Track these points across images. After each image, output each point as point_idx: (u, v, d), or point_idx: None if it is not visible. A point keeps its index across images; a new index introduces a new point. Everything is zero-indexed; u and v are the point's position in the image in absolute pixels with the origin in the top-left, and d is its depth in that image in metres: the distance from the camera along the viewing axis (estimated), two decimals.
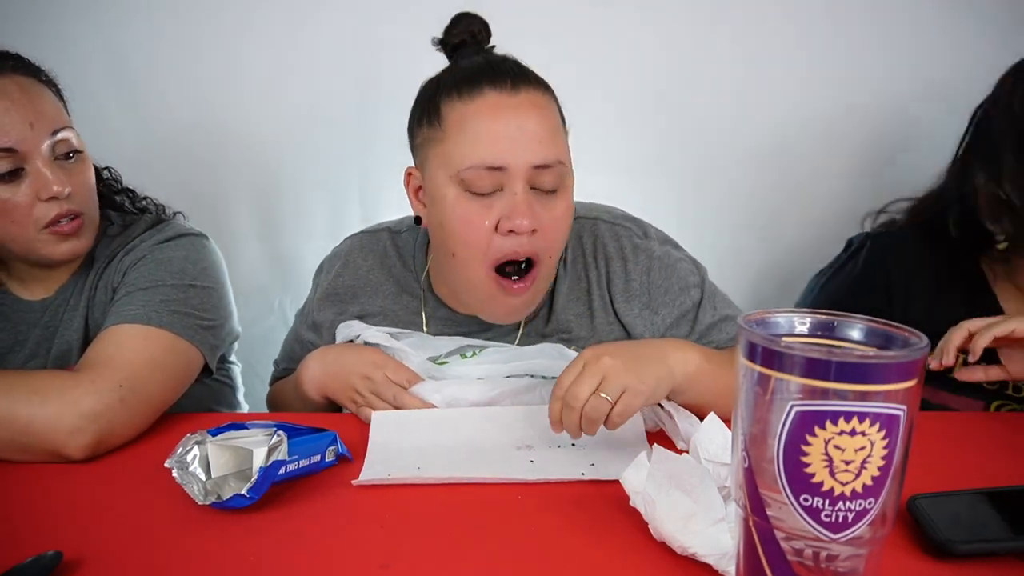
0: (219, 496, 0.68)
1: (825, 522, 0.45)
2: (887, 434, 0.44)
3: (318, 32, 1.46)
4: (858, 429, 0.44)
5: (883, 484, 0.45)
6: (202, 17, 1.44)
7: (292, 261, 1.56)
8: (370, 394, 0.94)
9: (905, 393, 0.44)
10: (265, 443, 0.70)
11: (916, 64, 1.42)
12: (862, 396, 0.43)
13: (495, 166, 0.86)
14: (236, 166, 1.50)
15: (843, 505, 0.45)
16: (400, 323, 1.04)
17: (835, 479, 0.44)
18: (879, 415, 0.44)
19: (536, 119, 0.87)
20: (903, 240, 1.16)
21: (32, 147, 0.92)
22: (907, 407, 0.44)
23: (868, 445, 0.44)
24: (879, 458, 0.44)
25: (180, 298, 0.98)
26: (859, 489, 0.45)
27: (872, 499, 0.45)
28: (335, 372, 0.98)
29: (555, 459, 0.80)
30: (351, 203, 1.55)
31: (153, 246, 1.04)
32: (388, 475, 0.76)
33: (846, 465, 0.44)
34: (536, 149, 0.86)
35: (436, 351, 0.99)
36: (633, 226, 1.03)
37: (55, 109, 0.97)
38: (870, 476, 0.44)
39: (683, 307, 1.00)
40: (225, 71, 1.47)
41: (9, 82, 0.93)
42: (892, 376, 0.44)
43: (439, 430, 0.87)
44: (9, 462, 0.82)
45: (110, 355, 0.89)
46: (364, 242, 1.10)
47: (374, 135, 1.51)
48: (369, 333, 1.02)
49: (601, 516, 0.68)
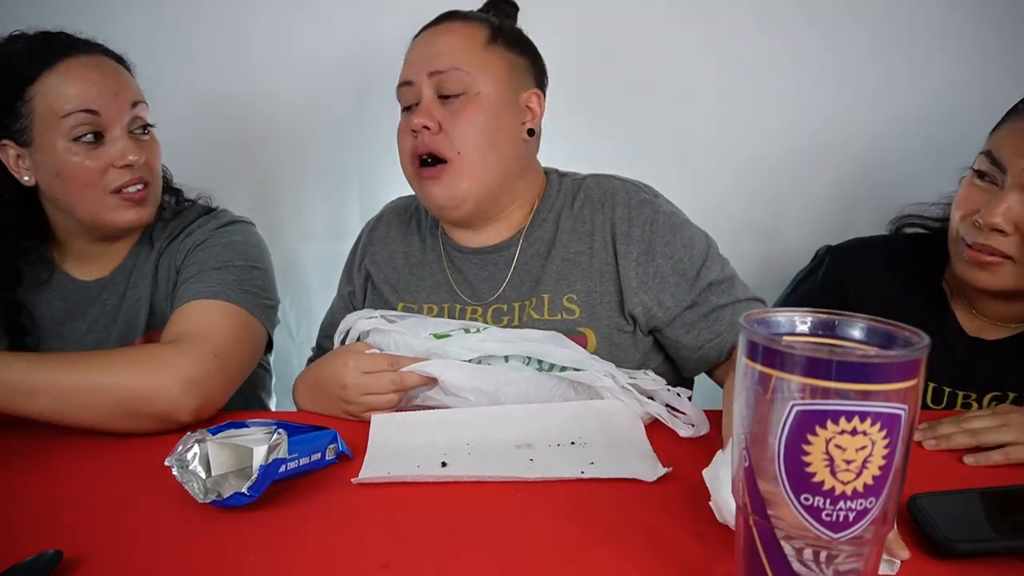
0: (219, 494, 0.68)
1: (826, 521, 0.45)
2: (888, 433, 0.44)
3: (317, 31, 1.46)
4: (859, 428, 0.44)
5: (884, 483, 0.45)
6: (200, 16, 1.44)
7: (292, 261, 1.56)
8: (362, 398, 0.93)
9: (906, 392, 0.44)
10: (265, 441, 0.70)
11: (912, 72, 1.42)
12: (863, 395, 0.43)
13: (405, 81, 1.04)
14: (235, 166, 1.50)
15: (844, 504, 0.45)
16: (425, 264, 1.13)
17: (836, 478, 0.45)
18: (880, 414, 0.44)
19: (441, 39, 1.04)
20: (862, 254, 1.16)
21: (114, 115, 1.01)
22: (908, 406, 0.44)
23: (869, 444, 0.44)
24: (880, 457, 0.44)
25: (247, 278, 1.06)
26: (860, 488, 0.45)
27: (873, 498, 0.45)
28: (318, 395, 0.98)
29: (555, 458, 0.80)
30: (351, 203, 1.55)
31: (213, 230, 1.11)
32: (388, 473, 0.76)
33: (847, 464, 0.44)
34: (431, 60, 1.02)
35: (437, 328, 0.99)
36: (645, 187, 1.09)
37: (135, 86, 1.06)
38: (871, 475, 0.45)
39: (681, 264, 1.01)
40: (224, 70, 1.47)
41: (100, 58, 1.03)
42: (893, 375, 0.44)
43: (439, 430, 0.87)
44: (113, 433, 0.87)
45: (201, 328, 0.96)
46: (398, 203, 1.23)
47: (374, 135, 1.51)
48: (362, 323, 1.01)
49: (601, 515, 0.68)
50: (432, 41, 1.05)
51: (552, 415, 0.88)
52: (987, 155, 0.99)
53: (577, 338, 0.99)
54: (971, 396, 1.04)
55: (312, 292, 1.58)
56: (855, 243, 1.19)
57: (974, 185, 1.00)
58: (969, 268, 1.00)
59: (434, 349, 0.95)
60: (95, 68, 1.01)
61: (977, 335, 1.06)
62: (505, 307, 1.05)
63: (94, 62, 1.02)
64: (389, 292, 1.13)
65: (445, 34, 1.05)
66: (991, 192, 0.98)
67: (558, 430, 0.86)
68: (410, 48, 1.07)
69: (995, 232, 0.96)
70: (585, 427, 0.86)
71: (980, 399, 1.04)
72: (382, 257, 1.15)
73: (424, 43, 1.05)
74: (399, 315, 1.04)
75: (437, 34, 1.05)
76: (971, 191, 1.00)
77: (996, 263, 0.97)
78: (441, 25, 1.06)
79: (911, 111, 1.44)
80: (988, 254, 0.97)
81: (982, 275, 0.99)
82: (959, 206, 1.02)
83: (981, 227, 0.96)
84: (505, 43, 1.05)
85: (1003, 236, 0.95)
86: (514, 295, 1.06)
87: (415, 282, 1.12)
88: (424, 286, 1.11)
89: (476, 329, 0.98)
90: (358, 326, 1.01)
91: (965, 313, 1.07)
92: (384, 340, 0.98)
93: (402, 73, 1.05)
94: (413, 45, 1.07)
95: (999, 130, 1.01)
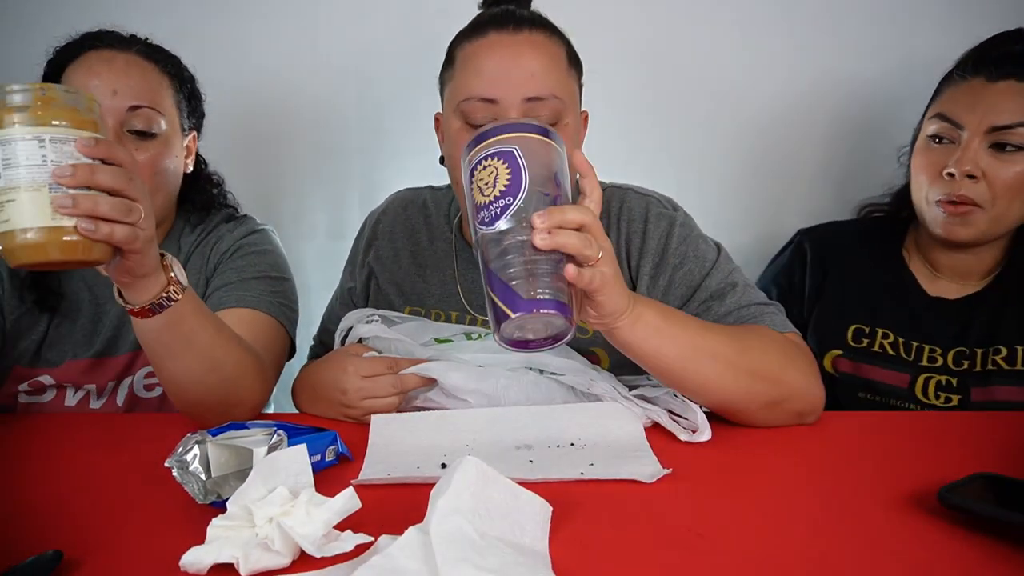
0: (219, 495, 0.68)
1: (485, 221, 0.69)
2: (506, 161, 0.69)
3: (318, 32, 1.46)
4: (487, 164, 0.70)
5: (514, 191, 0.68)
6: (200, 16, 1.44)
7: (292, 261, 1.55)
8: (363, 402, 0.93)
9: (513, 140, 0.70)
10: (265, 442, 0.70)
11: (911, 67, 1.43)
12: (489, 146, 0.70)
13: (487, 98, 0.91)
14: (236, 166, 1.50)
15: (491, 206, 0.68)
16: (433, 266, 1.10)
17: (483, 195, 0.69)
18: (497, 153, 0.70)
19: (531, 55, 0.92)
20: (834, 234, 1.29)
21: (107, 112, 0.99)
22: (519, 147, 0.69)
23: (494, 170, 0.69)
24: (504, 176, 0.68)
25: (280, 290, 1.11)
26: (497, 195, 0.68)
27: (511, 198, 0.68)
28: (317, 400, 0.98)
29: (554, 459, 0.80)
30: (351, 203, 1.55)
31: (243, 237, 1.15)
32: (388, 475, 0.76)
33: (484, 184, 0.69)
34: (528, 82, 0.90)
35: (439, 333, 0.99)
36: (663, 199, 1.06)
37: (148, 89, 1.04)
38: (501, 187, 0.68)
39: (690, 276, 0.98)
40: (224, 70, 1.46)
41: (118, 55, 1.03)
42: (505, 131, 0.71)
43: (439, 431, 0.87)
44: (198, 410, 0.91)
45: (253, 337, 0.99)
46: (405, 195, 1.19)
47: (375, 135, 1.51)
48: (362, 328, 1.01)
49: (601, 516, 0.68)
50: (521, 55, 0.91)
51: (552, 417, 0.88)
52: (939, 117, 1.11)
53: (589, 357, 0.99)
54: (936, 350, 1.15)
55: (312, 292, 1.58)
56: (828, 226, 1.32)
57: (931, 149, 1.12)
58: (946, 224, 1.11)
59: (435, 355, 0.95)
60: (105, 63, 1.01)
61: (940, 295, 1.18)
62: None
63: (109, 57, 1.02)
64: (395, 294, 1.11)
65: (535, 49, 0.92)
66: (950, 149, 1.09)
67: (558, 431, 0.86)
68: (476, 54, 0.93)
69: (967, 179, 1.07)
70: (585, 429, 0.86)
71: (945, 354, 1.15)
72: (387, 254, 1.13)
73: (509, 57, 0.91)
74: (399, 317, 1.04)
75: (524, 46, 0.92)
76: (930, 155, 1.12)
77: (968, 212, 1.08)
78: (522, 33, 0.93)
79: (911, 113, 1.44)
80: (963, 203, 1.08)
81: (959, 228, 1.10)
82: (923, 171, 1.13)
83: (954, 177, 1.07)
84: (575, 63, 0.98)
85: (973, 183, 1.07)
86: None
87: (422, 285, 1.10)
88: (432, 292, 1.09)
89: (478, 335, 0.98)
90: (358, 329, 1.01)
91: (926, 276, 1.20)
92: (384, 347, 0.98)
93: (472, 85, 0.91)
94: (484, 51, 0.93)
95: (944, 94, 1.12)
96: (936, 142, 1.11)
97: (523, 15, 0.96)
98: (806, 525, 0.66)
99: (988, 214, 1.08)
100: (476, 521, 0.59)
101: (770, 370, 0.86)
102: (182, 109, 1.11)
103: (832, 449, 0.85)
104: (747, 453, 0.83)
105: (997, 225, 1.09)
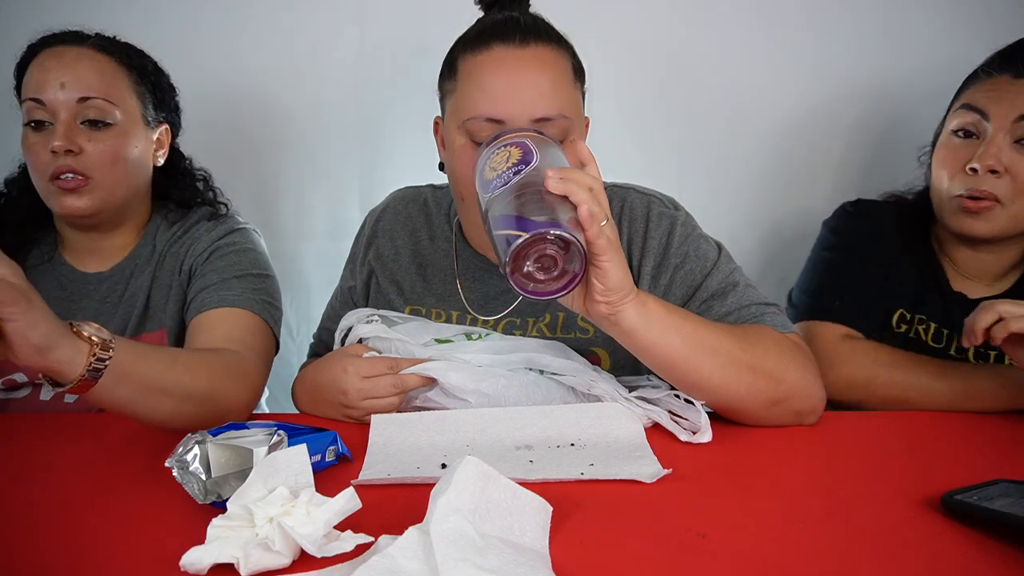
0: (220, 495, 0.68)
1: (497, 186, 0.74)
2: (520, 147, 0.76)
3: (318, 31, 1.46)
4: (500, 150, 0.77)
5: (526, 165, 0.74)
6: (200, 16, 1.44)
7: (292, 261, 1.57)
8: (363, 403, 0.93)
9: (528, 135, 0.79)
10: (265, 443, 0.70)
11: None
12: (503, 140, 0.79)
13: (494, 118, 0.88)
14: (236, 166, 1.50)
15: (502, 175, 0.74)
16: (434, 265, 1.09)
17: (495, 171, 0.75)
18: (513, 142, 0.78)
19: (538, 73, 0.89)
20: (871, 207, 1.25)
21: (58, 105, 1.02)
22: (531, 139, 0.78)
23: (508, 154, 0.76)
24: (517, 156, 0.75)
25: (263, 287, 1.10)
26: (511, 166, 0.74)
27: (522, 166, 0.74)
28: (317, 400, 0.98)
29: (554, 459, 0.80)
30: (351, 203, 1.55)
31: (220, 238, 1.13)
32: (388, 475, 0.76)
33: (497, 165, 0.76)
34: (536, 102, 0.88)
35: (440, 333, 0.99)
36: (665, 199, 1.05)
37: (100, 80, 1.05)
38: (514, 161, 0.74)
39: (691, 276, 0.98)
40: (224, 70, 1.47)
41: (69, 50, 1.05)
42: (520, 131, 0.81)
43: (439, 431, 0.87)
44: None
45: (240, 336, 1.01)
46: (406, 193, 1.17)
47: (375, 135, 1.51)
48: (362, 328, 1.01)
49: (601, 516, 0.68)
50: (527, 72, 0.89)
51: (552, 417, 0.88)
52: (965, 107, 1.10)
53: (590, 357, 0.99)
54: None
55: (312, 292, 1.58)
56: (870, 203, 1.27)
57: (954, 144, 1.11)
58: (965, 219, 1.09)
59: (435, 355, 0.95)
60: (56, 58, 1.03)
61: (961, 291, 1.16)
62: (518, 320, 1.03)
63: (59, 52, 1.04)
64: (395, 294, 1.10)
65: (542, 66, 0.90)
66: (973, 144, 1.08)
67: (558, 432, 0.86)
68: (480, 69, 0.90)
69: (989, 174, 1.06)
70: (585, 429, 0.86)
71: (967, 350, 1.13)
72: (388, 252, 1.12)
73: (516, 74, 0.89)
74: (399, 317, 1.03)
75: (530, 63, 0.89)
76: (954, 149, 1.11)
77: (988, 207, 1.07)
78: (528, 48, 0.90)
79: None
80: (983, 199, 1.07)
81: (977, 224, 1.09)
82: (945, 165, 1.12)
83: (977, 172, 1.06)
84: (579, 73, 0.96)
85: (996, 178, 1.06)
86: (528, 311, 1.03)
87: (422, 284, 1.09)
88: (432, 291, 1.08)
89: (478, 335, 0.98)
90: (358, 329, 1.01)
91: (951, 270, 1.18)
92: (385, 347, 0.98)
93: (478, 103, 0.89)
94: (489, 68, 0.90)
95: (969, 89, 1.12)
96: (960, 136, 1.10)
97: (528, 24, 0.93)
98: (806, 526, 0.66)
99: (1008, 211, 1.07)
100: (476, 521, 0.59)
101: (771, 368, 0.86)
102: (145, 101, 1.11)
103: (832, 449, 0.85)
104: (747, 453, 0.83)
105: (1015, 222, 1.08)
